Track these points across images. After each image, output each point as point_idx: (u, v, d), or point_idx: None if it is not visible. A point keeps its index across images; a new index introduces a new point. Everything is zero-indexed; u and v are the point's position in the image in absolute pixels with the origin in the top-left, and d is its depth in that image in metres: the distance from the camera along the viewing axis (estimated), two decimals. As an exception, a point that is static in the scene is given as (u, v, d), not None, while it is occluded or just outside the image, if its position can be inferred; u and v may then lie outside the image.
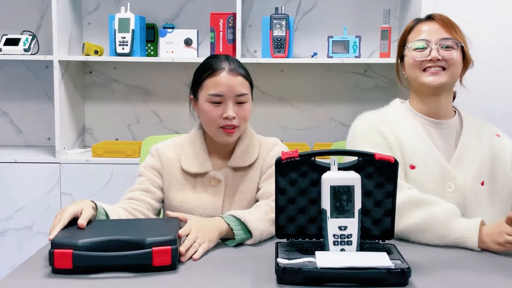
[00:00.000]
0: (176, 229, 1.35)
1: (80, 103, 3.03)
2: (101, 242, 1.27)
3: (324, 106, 3.06)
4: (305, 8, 2.99)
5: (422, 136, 1.67)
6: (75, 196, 2.72)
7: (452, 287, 1.23)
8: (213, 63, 1.69)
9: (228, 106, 1.65)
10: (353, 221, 1.31)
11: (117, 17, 2.70)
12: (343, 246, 1.31)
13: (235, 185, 1.73)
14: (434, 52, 1.65)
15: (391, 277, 1.20)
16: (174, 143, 1.78)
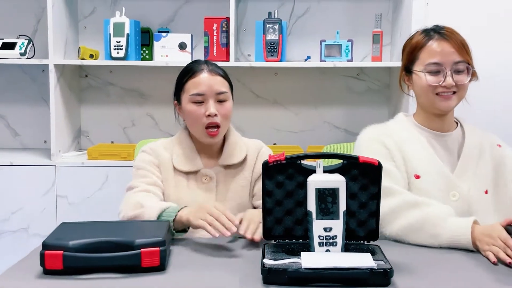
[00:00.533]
0: (165, 231, 1.38)
1: (76, 106, 3.06)
2: (91, 243, 1.30)
3: (317, 109, 3.09)
4: (298, 12, 3.03)
5: (426, 147, 1.72)
6: (71, 198, 2.75)
7: (433, 287, 1.26)
8: (192, 66, 1.78)
9: (210, 104, 1.73)
10: (338, 222, 1.34)
11: (112, 22, 2.74)
12: (328, 247, 1.34)
13: (227, 183, 1.79)
14: (449, 79, 1.67)
15: (374, 277, 1.23)
16: (163, 145, 1.83)
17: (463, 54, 1.68)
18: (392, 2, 2.98)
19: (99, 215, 2.70)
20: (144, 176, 1.75)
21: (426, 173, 1.69)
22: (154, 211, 1.56)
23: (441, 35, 1.71)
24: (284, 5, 3.02)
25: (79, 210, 2.75)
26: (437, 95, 1.70)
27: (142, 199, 1.64)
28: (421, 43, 1.73)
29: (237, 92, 3.02)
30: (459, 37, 1.71)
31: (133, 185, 1.73)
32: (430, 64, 1.70)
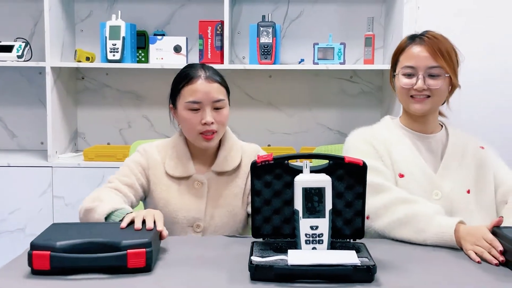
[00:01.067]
0: (152, 233, 1.39)
1: (73, 108, 3.10)
2: (78, 244, 1.31)
3: (311, 111, 3.13)
4: (292, 15, 3.07)
5: (410, 148, 1.77)
6: (67, 199, 2.79)
7: (415, 283, 1.30)
8: (189, 72, 1.75)
9: (206, 112, 1.71)
10: (324, 221, 1.38)
11: (108, 25, 2.78)
12: (315, 244, 1.38)
13: (219, 189, 1.78)
14: (420, 83, 1.72)
15: (357, 274, 1.27)
16: (158, 147, 1.82)
17: (438, 60, 1.71)
18: (384, 6, 3.03)
19: (95, 215, 2.75)
20: (125, 175, 1.76)
21: (409, 172, 1.73)
22: (106, 208, 1.56)
23: (421, 40, 1.75)
24: (278, 8, 3.06)
25: (75, 211, 2.76)
26: (411, 97, 1.75)
27: (104, 194, 1.65)
28: (402, 46, 1.80)
29: (232, 94, 3.06)
30: (440, 43, 1.73)
31: (110, 180, 1.75)
32: (406, 67, 1.75)
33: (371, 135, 1.81)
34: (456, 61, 1.76)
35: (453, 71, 1.74)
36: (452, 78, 1.74)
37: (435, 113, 1.81)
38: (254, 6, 3.05)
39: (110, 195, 1.66)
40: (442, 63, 1.71)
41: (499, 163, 1.82)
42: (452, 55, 1.74)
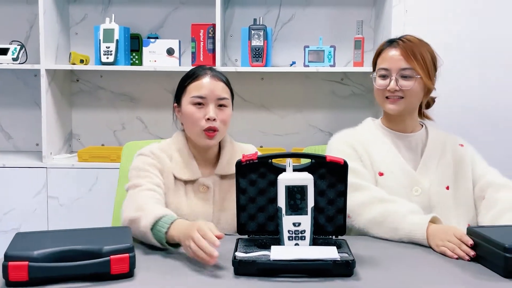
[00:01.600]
0: (131, 237, 1.37)
1: (68, 110, 3.15)
2: (58, 252, 1.26)
3: (302, 113, 3.17)
4: (284, 19, 3.12)
5: (389, 147, 1.83)
6: (61, 199, 2.83)
7: (391, 277, 1.34)
8: (196, 70, 1.80)
9: (210, 108, 1.73)
10: (306, 218, 1.42)
11: (102, 28, 2.82)
12: (297, 241, 1.43)
13: (223, 192, 1.79)
14: (392, 84, 1.78)
15: (337, 268, 1.32)
16: (161, 149, 1.79)
17: (410, 61, 1.77)
18: (374, 10, 3.08)
19: (89, 215, 2.79)
20: (147, 177, 1.71)
21: (389, 171, 1.79)
22: (150, 219, 1.50)
23: (396, 43, 1.81)
24: (270, 11, 3.11)
25: (69, 211, 2.83)
26: (386, 98, 1.81)
27: (144, 201, 1.60)
28: (380, 50, 1.86)
29: (225, 96, 3.14)
30: (414, 46, 1.78)
31: (137, 184, 1.68)
32: (380, 69, 1.82)
33: (352, 137, 1.87)
34: (431, 64, 1.80)
35: (426, 73, 1.78)
36: (424, 79, 1.77)
37: (413, 114, 1.86)
38: (247, 9, 3.10)
39: (150, 201, 1.61)
40: (414, 64, 1.76)
41: (477, 159, 1.87)
42: (427, 58, 1.78)
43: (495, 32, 2.87)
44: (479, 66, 2.89)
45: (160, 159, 1.76)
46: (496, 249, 1.35)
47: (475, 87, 2.90)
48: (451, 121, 2.44)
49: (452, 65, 2.84)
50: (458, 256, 1.46)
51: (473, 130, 2.77)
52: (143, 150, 1.80)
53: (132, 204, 1.61)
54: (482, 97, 2.90)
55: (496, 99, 2.91)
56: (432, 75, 1.81)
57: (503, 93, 2.91)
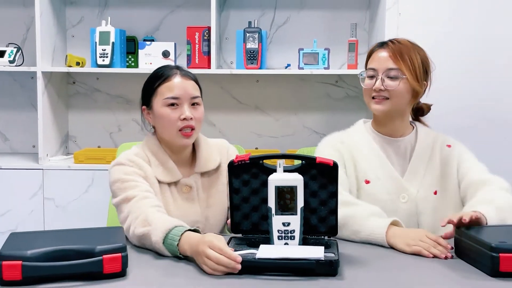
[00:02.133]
0: (123, 237, 1.39)
1: (64, 112, 3.17)
2: (51, 252, 1.28)
3: (297, 115, 3.20)
4: (279, 21, 3.14)
5: (378, 153, 1.83)
6: (58, 201, 2.84)
7: (377, 278, 1.36)
8: (164, 71, 1.78)
9: (185, 108, 1.73)
10: (296, 218, 1.45)
11: (98, 31, 2.84)
12: (287, 240, 1.45)
13: (205, 190, 1.81)
14: (378, 83, 1.79)
15: (320, 268, 1.34)
16: (137, 155, 1.76)
17: (397, 62, 1.77)
18: (368, 12, 3.10)
19: (85, 216, 2.81)
20: (135, 186, 1.65)
21: (376, 177, 1.80)
22: (160, 233, 1.47)
23: (386, 44, 1.83)
24: (265, 14, 3.14)
25: (65, 212, 2.85)
26: (373, 98, 1.81)
27: (147, 213, 1.56)
28: (370, 51, 1.87)
29: (220, 98, 3.17)
30: (402, 47, 1.79)
31: (130, 196, 1.62)
32: (368, 69, 1.84)
33: (340, 140, 1.88)
34: (420, 67, 1.79)
35: (413, 75, 1.77)
36: (410, 80, 1.77)
37: (402, 117, 1.85)
38: (242, 12, 3.12)
39: (152, 212, 1.56)
40: (400, 65, 1.77)
41: (464, 159, 1.84)
42: (415, 60, 1.78)
43: (489, 34, 2.89)
44: (472, 68, 2.91)
45: (140, 166, 1.72)
46: (483, 249, 1.37)
47: (469, 89, 2.92)
48: (444, 122, 2.46)
49: (445, 67, 2.87)
50: (434, 255, 1.48)
51: (467, 131, 2.79)
52: (119, 159, 1.74)
53: (135, 219, 1.57)
54: (475, 98, 2.92)
55: (489, 100, 2.93)
56: (421, 78, 1.80)
57: (497, 94, 2.93)
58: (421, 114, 1.93)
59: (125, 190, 1.65)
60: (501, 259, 1.33)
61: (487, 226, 1.54)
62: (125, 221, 1.61)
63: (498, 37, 2.90)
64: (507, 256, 1.33)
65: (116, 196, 1.68)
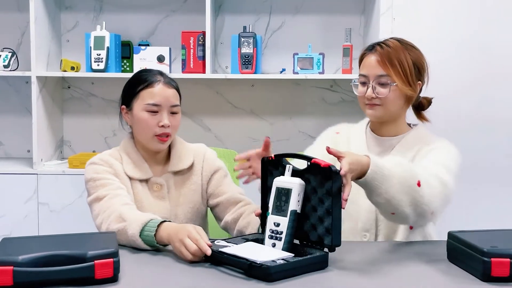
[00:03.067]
0: (115, 242, 1.39)
1: (59, 116, 3.16)
2: (42, 257, 1.27)
3: (292, 119, 3.20)
4: (273, 26, 3.15)
5: (362, 148, 1.85)
6: (52, 205, 2.84)
7: (365, 283, 1.36)
8: (148, 76, 1.82)
9: (164, 116, 1.78)
10: (285, 220, 1.46)
11: (93, 35, 2.85)
12: (275, 240, 1.47)
13: (177, 188, 1.86)
14: (369, 91, 1.78)
15: (254, 271, 1.34)
16: (111, 155, 1.83)
17: (386, 68, 1.75)
18: (363, 17, 3.11)
19: (79, 221, 2.78)
20: (107, 184, 1.73)
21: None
22: (136, 226, 1.54)
23: (374, 49, 1.81)
24: (260, 19, 3.14)
25: (59, 217, 2.84)
26: (366, 104, 1.81)
27: (120, 210, 1.62)
28: (361, 56, 1.86)
29: (215, 103, 3.18)
30: (391, 52, 1.76)
31: (100, 195, 1.70)
32: (360, 76, 1.83)
33: (337, 130, 1.95)
34: (412, 69, 1.77)
35: (404, 80, 1.75)
36: (400, 87, 1.75)
37: (397, 120, 1.84)
38: (237, 17, 3.13)
39: (126, 209, 1.63)
40: (390, 71, 1.75)
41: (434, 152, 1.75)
42: (405, 64, 1.76)
43: (484, 39, 2.90)
44: (467, 73, 2.92)
45: (111, 164, 1.80)
46: (475, 253, 1.37)
47: (463, 94, 2.93)
48: (440, 126, 2.45)
49: (440, 71, 2.88)
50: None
51: (464, 134, 2.80)
52: (93, 159, 1.83)
53: (108, 217, 1.63)
54: (470, 102, 2.93)
55: (484, 104, 2.94)
56: (413, 81, 1.77)
57: (492, 98, 2.94)
58: (421, 108, 1.91)
59: (96, 189, 1.73)
60: (492, 264, 1.33)
61: (480, 231, 1.54)
62: (96, 219, 1.68)
63: (492, 42, 2.91)
64: (499, 261, 1.33)
65: (89, 195, 1.76)
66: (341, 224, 1.43)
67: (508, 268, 1.33)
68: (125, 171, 1.80)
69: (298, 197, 1.46)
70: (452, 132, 2.24)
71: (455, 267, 1.45)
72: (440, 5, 2.90)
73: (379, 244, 1.74)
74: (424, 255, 1.56)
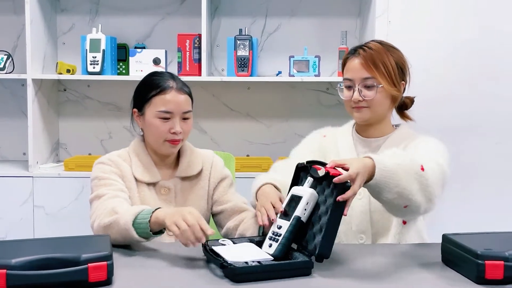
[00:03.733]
0: (109, 245, 1.39)
1: (55, 119, 3.16)
2: (36, 260, 1.27)
3: (288, 122, 3.20)
4: (270, 29, 3.15)
5: (350, 150, 1.87)
6: (47, 208, 2.83)
7: (357, 285, 1.36)
8: (160, 81, 1.81)
9: (176, 122, 1.79)
10: (287, 224, 1.48)
11: (89, 38, 2.85)
12: (272, 241, 1.49)
13: (184, 194, 1.86)
14: (355, 94, 1.79)
15: (224, 270, 1.37)
16: (120, 156, 1.84)
17: (371, 71, 1.77)
18: (359, 20, 3.12)
19: (74, 224, 2.79)
20: (110, 184, 1.75)
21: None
22: (129, 216, 1.56)
23: (357, 52, 1.82)
24: (256, 22, 3.15)
25: (55, 220, 2.84)
26: (353, 107, 1.83)
27: (114, 205, 1.64)
28: (344, 61, 1.87)
29: (212, 105, 3.18)
30: (374, 54, 1.78)
31: (100, 194, 1.72)
32: (345, 80, 1.84)
33: (324, 133, 1.97)
34: (396, 70, 1.79)
35: (389, 81, 1.77)
36: (386, 88, 1.77)
37: (382, 121, 1.86)
38: (233, 19, 3.13)
39: (120, 204, 1.66)
40: (374, 74, 1.77)
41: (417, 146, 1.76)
42: (389, 65, 1.78)
43: (479, 42, 2.91)
44: (462, 75, 2.93)
45: (119, 165, 1.80)
46: (469, 256, 1.37)
47: (458, 96, 2.94)
48: (433, 126, 2.46)
49: (434, 74, 2.89)
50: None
51: (455, 136, 2.81)
52: (101, 158, 1.84)
53: (102, 213, 1.64)
54: (464, 105, 2.94)
55: (479, 107, 2.94)
56: (397, 81, 1.80)
57: (486, 100, 2.94)
58: (405, 108, 1.94)
59: (98, 188, 1.75)
60: (486, 267, 1.33)
61: (474, 233, 1.54)
62: (92, 216, 1.69)
63: (487, 45, 2.92)
64: (493, 263, 1.33)
65: (92, 192, 1.78)
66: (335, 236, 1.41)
67: (502, 270, 1.33)
68: (133, 174, 1.81)
69: (307, 205, 1.48)
70: (445, 133, 2.25)
71: (450, 270, 1.46)
72: (435, 8, 2.91)
73: (373, 247, 1.75)
74: (418, 258, 1.56)
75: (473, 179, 2.93)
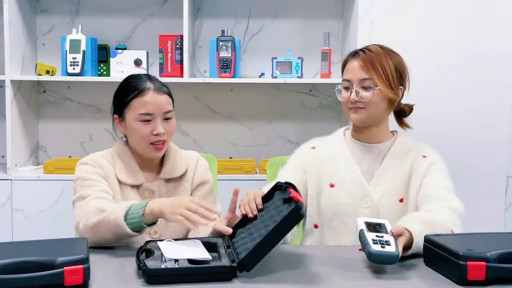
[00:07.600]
0: (86, 248, 1.36)
1: (34, 121, 3.11)
2: (10, 264, 1.24)
3: (271, 124, 3.19)
4: (252, 30, 3.14)
5: (348, 158, 1.85)
6: (26, 212, 2.78)
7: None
8: (138, 84, 1.78)
9: (158, 124, 1.76)
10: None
11: (68, 39, 2.81)
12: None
13: (168, 195, 1.83)
14: (353, 95, 1.80)
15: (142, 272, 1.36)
16: (104, 157, 1.82)
17: (368, 72, 1.78)
18: (342, 22, 3.12)
19: (54, 228, 2.75)
20: (93, 185, 1.72)
21: (342, 182, 1.82)
22: (119, 212, 1.54)
23: (357, 54, 1.84)
24: (239, 23, 3.13)
25: (34, 223, 2.79)
26: (350, 109, 1.83)
27: (100, 204, 1.62)
28: (344, 62, 1.88)
29: (194, 107, 3.15)
30: (373, 56, 1.79)
31: (84, 194, 1.69)
32: (343, 81, 1.85)
33: (313, 145, 1.93)
34: (394, 74, 1.80)
35: (387, 84, 1.79)
36: (382, 90, 1.78)
37: (380, 124, 1.86)
38: (216, 21, 3.11)
39: (106, 203, 1.64)
40: (372, 75, 1.78)
41: (433, 169, 1.82)
42: (388, 68, 1.79)
43: (461, 43, 2.92)
44: (445, 77, 2.94)
45: (102, 166, 1.78)
46: (450, 257, 1.36)
47: (442, 98, 2.94)
48: (419, 130, 2.46)
49: (417, 76, 2.88)
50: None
51: (441, 141, 2.80)
52: (85, 158, 1.82)
53: (88, 212, 1.61)
54: (449, 107, 2.94)
55: (464, 109, 2.95)
56: (395, 85, 1.81)
57: (471, 102, 2.95)
58: (403, 115, 1.93)
59: (82, 189, 1.72)
60: (468, 268, 1.32)
61: (456, 234, 1.54)
62: (75, 217, 1.67)
63: (470, 46, 2.93)
64: (474, 264, 1.32)
65: (74, 193, 1.75)
66: (265, 254, 1.38)
67: (483, 271, 1.32)
68: (117, 176, 1.78)
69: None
70: (431, 137, 2.25)
71: (431, 271, 1.45)
72: (418, 9, 2.91)
73: (353, 248, 1.73)
74: (400, 259, 1.54)
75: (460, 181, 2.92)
